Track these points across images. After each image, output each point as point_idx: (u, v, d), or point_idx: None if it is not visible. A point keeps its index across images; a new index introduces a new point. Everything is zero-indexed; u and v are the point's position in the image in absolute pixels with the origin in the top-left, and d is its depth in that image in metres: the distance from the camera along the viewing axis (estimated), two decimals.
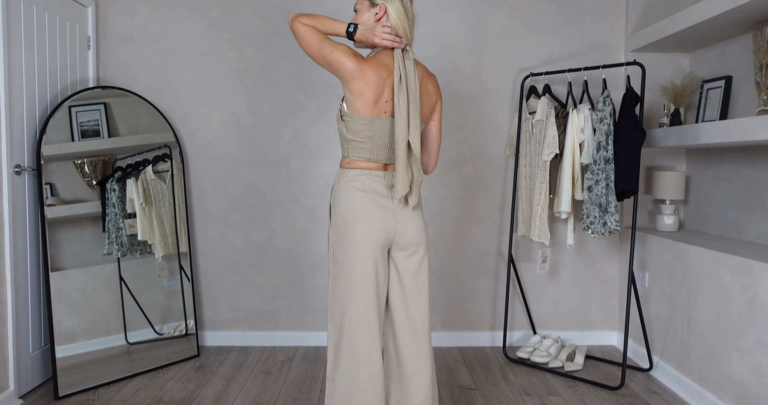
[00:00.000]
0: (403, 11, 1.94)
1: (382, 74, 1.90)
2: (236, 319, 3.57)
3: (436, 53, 3.48)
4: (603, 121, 2.89)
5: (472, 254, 3.56)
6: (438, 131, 2.10)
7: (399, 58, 1.89)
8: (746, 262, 2.39)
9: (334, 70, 1.91)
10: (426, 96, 2.00)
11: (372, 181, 1.95)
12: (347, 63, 1.87)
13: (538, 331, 3.59)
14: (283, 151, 3.51)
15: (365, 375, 1.93)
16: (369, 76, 1.88)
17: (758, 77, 2.61)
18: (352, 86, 1.90)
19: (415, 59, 1.98)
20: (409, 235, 1.99)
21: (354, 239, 1.93)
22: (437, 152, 2.12)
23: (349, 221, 1.94)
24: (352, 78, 1.88)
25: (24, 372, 2.77)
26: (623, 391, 2.89)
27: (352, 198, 1.94)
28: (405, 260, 2.02)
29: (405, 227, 1.98)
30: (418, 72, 1.95)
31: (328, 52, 1.89)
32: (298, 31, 1.92)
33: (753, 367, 2.35)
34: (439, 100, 2.07)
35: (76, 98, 3.02)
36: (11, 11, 2.66)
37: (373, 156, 1.96)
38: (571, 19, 3.49)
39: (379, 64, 1.92)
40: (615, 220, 2.87)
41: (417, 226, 2.01)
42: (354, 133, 1.94)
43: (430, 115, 2.07)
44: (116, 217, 3.13)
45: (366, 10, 1.98)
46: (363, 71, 1.88)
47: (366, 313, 1.93)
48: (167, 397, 2.79)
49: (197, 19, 3.46)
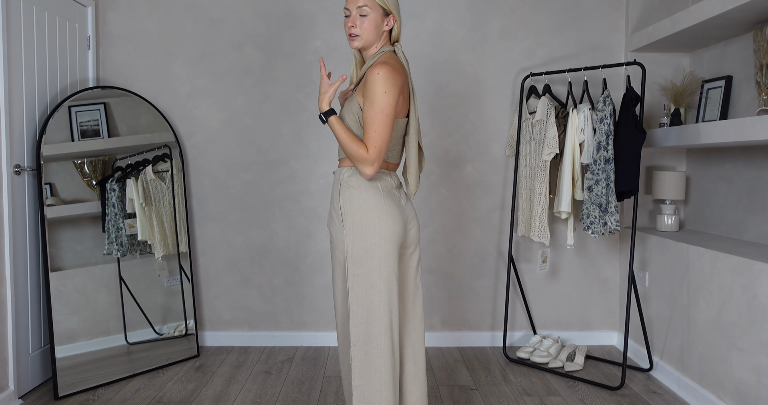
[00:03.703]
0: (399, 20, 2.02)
1: (405, 75, 1.95)
2: (236, 319, 3.57)
3: (436, 53, 3.48)
4: (603, 121, 2.89)
5: (472, 254, 3.56)
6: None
7: (405, 62, 1.95)
8: (746, 262, 2.39)
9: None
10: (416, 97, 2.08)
11: (389, 180, 2.00)
12: (397, 100, 1.90)
13: (538, 331, 3.59)
14: (283, 151, 3.51)
15: (395, 379, 1.94)
16: (401, 80, 1.91)
17: (758, 77, 2.60)
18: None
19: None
20: (414, 232, 2.08)
21: (379, 238, 1.91)
22: None
23: (372, 220, 1.92)
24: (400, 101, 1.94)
25: (24, 372, 2.77)
26: (623, 391, 2.88)
27: (373, 196, 1.94)
28: (409, 258, 2.07)
29: (413, 225, 2.07)
30: None
31: (389, 112, 1.87)
32: (379, 157, 1.88)
33: (753, 367, 2.35)
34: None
35: (76, 98, 3.02)
36: (11, 11, 2.66)
37: (388, 157, 2.00)
38: (571, 19, 3.49)
39: (398, 67, 1.94)
40: (615, 220, 2.87)
41: (418, 224, 2.11)
42: None
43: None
44: (116, 217, 3.13)
45: (378, 17, 1.95)
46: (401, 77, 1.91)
47: (392, 314, 1.93)
48: (167, 397, 2.79)
49: (197, 19, 3.46)
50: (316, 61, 3.47)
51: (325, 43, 3.46)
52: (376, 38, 1.97)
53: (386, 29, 1.98)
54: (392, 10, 1.96)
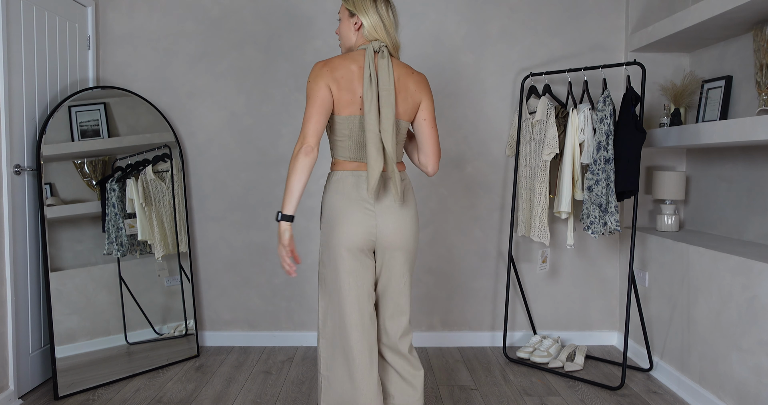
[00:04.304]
0: (379, 21, 2.02)
1: (352, 67, 1.98)
2: (236, 319, 3.57)
3: (436, 53, 3.48)
4: (603, 121, 2.89)
5: (472, 254, 3.56)
6: (431, 129, 2.08)
7: (370, 57, 1.96)
8: (746, 262, 2.39)
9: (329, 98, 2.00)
10: (405, 93, 2.01)
11: (354, 182, 2.01)
12: (324, 89, 1.96)
13: (538, 331, 3.59)
14: (283, 151, 3.51)
15: (359, 372, 2.00)
16: (337, 70, 1.97)
17: (758, 77, 2.60)
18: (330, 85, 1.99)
19: (396, 59, 2.06)
20: (391, 237, 2.03)
21: (336, 241, 2.00)
22: (435, 152, 2.09)
23: (332, 223, 2.02)
24: (328, 85, 1.98)
25: (24, 372, 2.77)
26: (623, 391, 2.88)
27: (335, 200, 2.01)
28: (388, 260, 2.06)
29: (386, 229, 2.02)
30: (394, 70, 2.00)
31: (312, 101, 1.96)
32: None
33: (753, 367, 2.35)
34: (427, 99, 2.07)
35: (76, 98, 3.02)
36: (11, 11, 2.66)
37: (353, 155, 2.02)
38: (571, 19, 3.49)
39: (347, 58, 2.01)
40: (615, 220, 2.87)
41: (399, 227, 2.03)
42: (334, 132, 2.03)
43: (415, 112, 2.07)
44: (116, 217, 3.13)
45: (346, 20, 2.08)
46: (332, 70, 1.97)
47: (353, 312, 2.00)
48: (167, 397, 2.79)
49: (197, 19, 3.46)
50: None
51: (325, 43, 3.46)
52: (350, 39, 2.08)
53: (356, 29, 2.06)
54: (355, 10, 2.03)
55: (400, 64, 2.05)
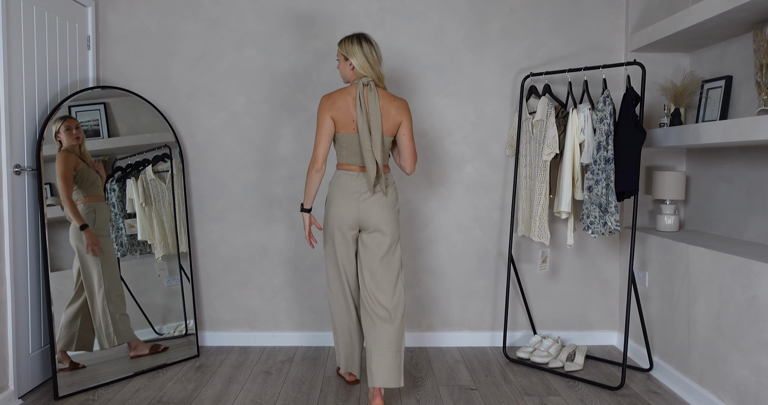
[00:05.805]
0: (365, 62, 2.60)
1: (347, 98, 2.61)
2: (236, 319, 3.57)
3: (436, 53, 3.48)
4: (603, 121, 2.89)
5: (472, 254, 3.56)
6: (409, 142, 2.68)
7: (360, 90, 2.57)
8: (746, 262, 2.39)
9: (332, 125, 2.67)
10: (387, 116, 2.62)
11: (348, 178, 2.66)
12: (328, 120, 2.63)
13: (538, 331, 3.59)
14: (283, 151, 3.51)
15: (339, 312, 2.85)
16: (337, 101, 2.61)
17: (758, 77, 2.60)
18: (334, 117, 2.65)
19: (382, 89, 2.65)
20: (372, 219, 2.65)
21: (331, 219, 2.70)
22: (412, 157, 2.71)
23: (330, 206, 2.71)
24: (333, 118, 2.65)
25: (24, 372, 2.77)
26: (623, 391, 2.88)
27: (334, 191, 2.70)
28: (369, 237, 2.68)
29: (367, 213, 2.64)
30: (380, 99, 2.60)
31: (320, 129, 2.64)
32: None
33: (753, 367, 2.35)
34: (406, 119, 2.66)
35: (76, 98, 3.02)
36: (11, 11, 2.66)
37: (350, 160, 2.67)
38: (571, 19, 3.49)
39: (344, 92, 2.63)
40: (615, 220, 2.87)
41: (378, 213, 2.64)
42: (337, 144, 2.69)
43: (397, 129, 2.66)
44: (116, 217, 3.13)
45: (342, 61, 2.67)
46: (333, 102, 2.61)
47: (339, 274, 2.78)
48: (167, 398, 2.79)
49: (197, 19, 3.46)
50: (316, 61, 3.48)
51: (325, 43, 3.47)
52: (347, 75, 2.67)
53: (350, 68, 2.64)
54: (347, 55, 2.62)
55: (385, 94, 2.64)
